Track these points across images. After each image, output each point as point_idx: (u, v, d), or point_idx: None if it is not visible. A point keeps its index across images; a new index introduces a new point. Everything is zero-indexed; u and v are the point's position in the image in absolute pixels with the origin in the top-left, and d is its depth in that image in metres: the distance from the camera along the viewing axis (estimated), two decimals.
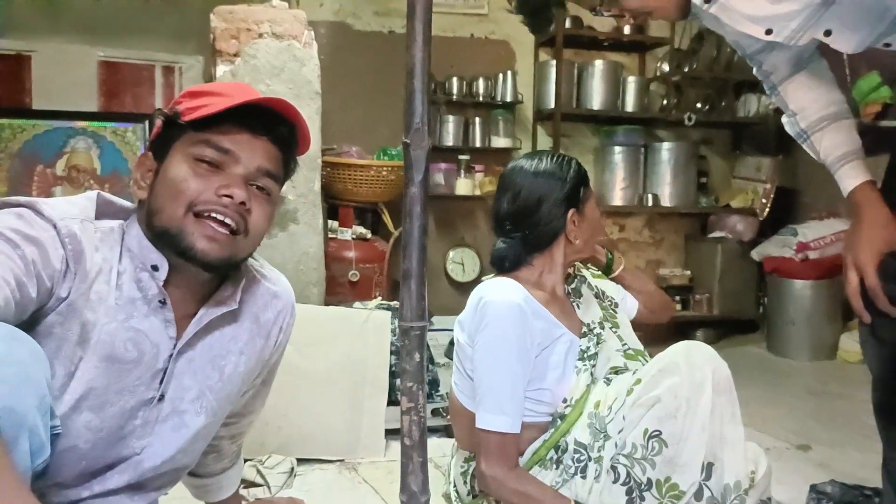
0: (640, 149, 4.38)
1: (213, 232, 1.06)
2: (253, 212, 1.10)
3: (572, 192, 1.56)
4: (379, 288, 3.17)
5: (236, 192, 1.07)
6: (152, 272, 1.09)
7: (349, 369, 2.26)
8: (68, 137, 3.54)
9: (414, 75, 0.86)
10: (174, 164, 1.08)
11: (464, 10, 4.28)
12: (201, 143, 1.07)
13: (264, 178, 1.12)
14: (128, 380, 1.08)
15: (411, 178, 0.90)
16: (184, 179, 1.06)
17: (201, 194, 1.06)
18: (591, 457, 1.43)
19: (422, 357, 0.99)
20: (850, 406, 3.04)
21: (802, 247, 3.92)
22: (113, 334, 1.06)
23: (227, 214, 1.07)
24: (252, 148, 1.10)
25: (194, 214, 1.06)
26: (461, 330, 1.56)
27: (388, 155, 3.49)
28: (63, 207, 1.04)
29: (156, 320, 1.10)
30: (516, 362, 1.44)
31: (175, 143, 1.09)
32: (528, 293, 1.51)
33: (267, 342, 1.27)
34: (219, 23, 2.50)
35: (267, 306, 1.26)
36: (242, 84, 1.22)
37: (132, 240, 1.11)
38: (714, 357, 1.42)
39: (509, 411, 1.43)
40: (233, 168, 1.08)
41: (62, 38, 3.56)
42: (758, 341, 4.29)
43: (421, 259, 0.94)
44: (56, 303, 1.01)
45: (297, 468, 2.08)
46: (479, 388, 1.47)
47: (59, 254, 1.00)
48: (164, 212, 1.07)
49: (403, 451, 0.99)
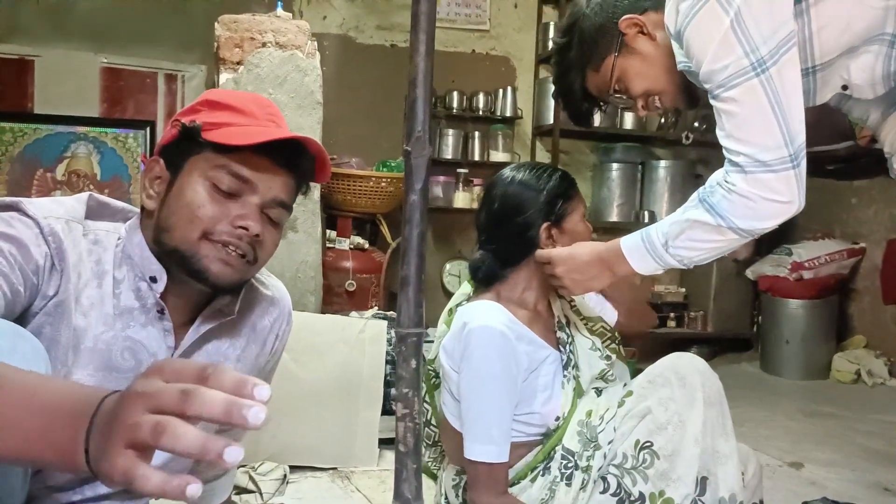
0: (638, 166, 4.41)
1: (227, 256, 1.06)
2: (264, 241, 1.10)
3: (548, 205, 1.52)
4: (375, 298, 3.18)
5: (252, 226, 1.06)
6: (150, 283, 1.09)
7: (344, 378, 2.26)
8: (69, 142, 3.56)
9: (416, 84, 0.88)
10: (191, 186, 1.06)
11: (466, 26, 4.32)
12: (221, 169, 1.05)
13: (278, 209, 1.11)
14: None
15: (411, 185, 0.91)
16: (201, 206, 1.05)
17: (218, 223, 1.05)
18: (578, 465, 1.42)
19: (418, 364, 0.99)
20: (843, 425, 3.05)
21: (797, 266, 3.94)
22: (110, 343, 1.06)
23: (240, 245, 1.07)
24: (271, 179, 1.08)
25: (208, 239, 1.06)
26: (446, 355, 1.53)
27: (387, 167, 3.51)
28: (48, 206, 1.04)
29: (154, 330, 1.10)
30: (502, 390, 1.42)
31: (191, 157, 1.07)
32: (511, 314, 1.48)
33: (263, 349, 1.27)
34: (223, 31, 2.52)
35: (264, 313, 1.26)
36: (262, 99, 1.17)
37: (133, 247, 1.10)
38: (705, 369, 1.42)
39: (497, 440, 1.41)
40: (249, 197, 1.07)
41: (66, 44, 3.59)
42: (751, 360, 4.30)
43: (419, 266, 0.95)
44: (43, 301, 1.01)
45: (289, 475, 2.08)
46: (466, 417, 1.45)
47: (41, 250, 1.00)
48: (176, 231, 1.06)
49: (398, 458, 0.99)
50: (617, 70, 1.42)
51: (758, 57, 1.19)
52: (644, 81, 1.42)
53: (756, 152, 1.21)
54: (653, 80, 1.42)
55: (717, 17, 1.20)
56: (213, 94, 1.13)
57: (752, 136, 1.22)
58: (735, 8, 1.19)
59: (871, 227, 4.00)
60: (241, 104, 1.10)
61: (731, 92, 1.21)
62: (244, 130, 1.06)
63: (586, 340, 1.59)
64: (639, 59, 1.41)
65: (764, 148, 1.21)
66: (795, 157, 1.22)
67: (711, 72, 1.22)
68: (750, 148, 1.22)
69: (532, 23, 4.39)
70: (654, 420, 1.35)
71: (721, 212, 1.27)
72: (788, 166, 1.21)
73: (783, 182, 1.22)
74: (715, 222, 1.28)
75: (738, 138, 1.23)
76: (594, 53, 1.44)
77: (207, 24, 2.68)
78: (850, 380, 3.87)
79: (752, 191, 1.24)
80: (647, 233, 1.38)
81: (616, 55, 1.41)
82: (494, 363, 1.41)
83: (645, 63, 1.41)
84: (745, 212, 1.26)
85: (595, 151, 4.53)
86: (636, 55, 1.41)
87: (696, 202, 1.31)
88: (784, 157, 1.21)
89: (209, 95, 1.13)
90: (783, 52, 1.20)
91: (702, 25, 1.23)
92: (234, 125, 1.07)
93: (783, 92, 1.20)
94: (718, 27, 1.20)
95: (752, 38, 1.19)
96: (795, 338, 3.99)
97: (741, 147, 1.23)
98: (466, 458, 1.44)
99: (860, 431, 2.97)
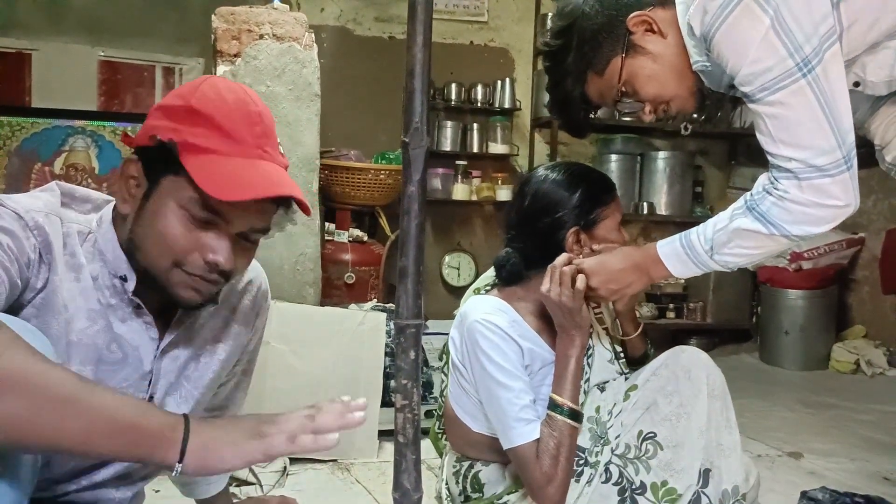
0: (637, 157, 4.41)
1: (197, 284, 1.04)
2: (237, 267, 1.07)
3: (581, 209, 1.44)
4: (374, 291, 3.18)
5: (222, 262, 1.03)
6: (122, 282, 1.07)
7: (343, 370, 2.26)
8: (67, 136, 3.55)
9: (414, 75, 0.88)
10: (164, 213, 1.02)
11: (464, 18, 4.31)
12: (196, 203, 1.00)
13: (254, 234, 1.08)
14: (115, 381, 1.08)
15: (409, 176, 0.91)
16: (172, 236, 1.01)
17: (188, 255, 1.02)
18: (588, 461, 1.42)
19: (417, 355, 0.99)
20: (843, 415, 3.06)
21: (796, 257, 3.95)
22: (94, 337, 1.06)
23: (209, 277, 1.04)
24: (248, 211, 1.04)
25: (179, 268, 1.03)
26: (453, 346, 1.52)
27: (385, 159, 3.50)
28: (26, 201, 1.02)
29: (134, 324, 1.09)
30: (515, 372, 1.40)
31: (168, 176, 1.02)
32: (519, 317, 1.45)
33: (245, 328, 1.26)
34: (220, 24, 2.51)
35: (244, 294, 1.25)
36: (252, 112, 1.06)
37: (106, 244, 1.07)
38: (708, 362, 1.42)
39: (530, 416, 1.38)
40: (223, 227, 1.03)
41: (63, 38, 3.58)
42: (751, 350, 4.31)
43: (418, 257, 0.95)
44: (31, 294, 1.00)
45: (289, 468, 2.08)
46: (491, 411, 1.42)
47: (31, 243, 0.99)
48: (149, 255, 1.03)
49: (397, 449, 0.99)
50: (625, 73, 1.31)
51: (802, 56, 1.13)
52: (655, 83, 1.33)
53: (810, 157, 1.16)
54: (664, 81, 1.33)
55: (755, 16, 1.13)
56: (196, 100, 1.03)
57: (803, 140, 1.16)
58: (773, 6, 1.12)
59: (869, 217, 4.00)
60: (227, 122, 1.02)
61: (778, 95, 1.15)
62: (225, 169, 1.00)
63: (606, 352, 1.56)
64: (649, 60, 1.31)
65: (819, 152, 1.16)
66: (848, 157, 1.17)
67: (752, 74, 1.16)
68: (802, 152, 1.16)
69: (530, 14, 4.38)
70: (658, 411, 1.35)
71: (773, 220, 1.22)
72: (843, 168, 1.16)
73: (839, 186, 1.17)
74: (767, 231, 1.23)
75: (788, 143, 1.17)
76: (598, 56, 1.33)
77: (204, 17, 2.67)
78: (849, 370, 3.88)
79: (808, 198, 1.18)
80: (687, 239, 1.31)
81: (623, 56, 1.31)
82: (495, 356, 1.40)
83: (656, 63, 1.31)
84: (800, 218, 1.21)
85: (594, 143, 4.53)
86: (646, 55, 1.31)
87: (744, 210, 1.25)
88: (838, 159, 1.16)
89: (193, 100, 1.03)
90: (826, 47, 1.15)
91: (738, 26, 1.15)
92: (217, 154, 1.00)
93: (830, 91, 1.15)
94: (758, 27, 1.13)
95: (794, 37, 1.13)
96: (795, 328, 3.99)
97: (792, 152, 1.17)
98: (507, 449, 1.40)
99: (859, 421, 2.98)
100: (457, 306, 1.58)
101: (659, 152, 4.39)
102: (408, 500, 0.98)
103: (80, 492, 1.11)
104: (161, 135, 1.00)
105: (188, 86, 1.06)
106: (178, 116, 1.02)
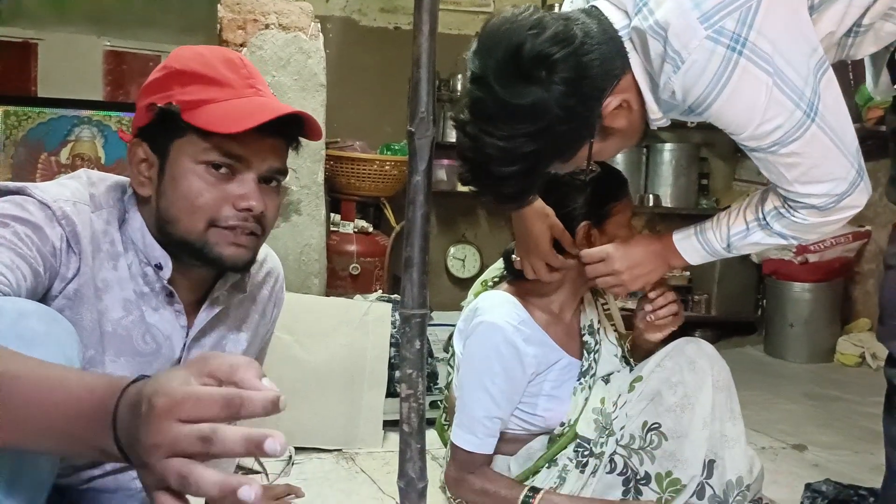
0: (642, 149, 4.39)
1: (237, 238, 1.05)
2: (268, 212, 1.09)
3: (592, 204, 1.44)
4: (379, 282, 3.19)
5: (255, 205, 1.04)
6: (156, 270, 1.08)
7: (348, 360, 2.27)
8: (73, 126, 3.55)
9: (420, 65, 0.87)
10: (184, 174, 1.03)
11: (470, 8, 4.29)
12: (211, 151, 1.02)
13: (275, 175, 1.10)
14: (150, 371, 1.09)
15: (415, 166, 0.91)
16: (200, 194, 1.03)
17: (221, 209, 1.04)
18: (593, 452, 1.43)
19: (422, 345, 1.00)
20: (847, 408, 3.06)
21: (802, 249, 3.93)
22: (129, 328, 1.07)
23: (247, 226, 1.06)
24: (263, 149, 1.05)
25: (215, 226, 1.05)
26: (459, 340, 1.53)
27: (391, 150, 3.50)
28: (55, 190, 1.03)
29: (166, 312, 1.11)
30: (494, 390, 1.41)
31: (175, 140, 1.04)
32: (528, 314, 1.45)
33: (263, 318, 1.28)
34: (226, 13, 2.51)
35: (263, 284, 1.28)
36: (232, 57, 1.08)
37: (136, 233, 1.08)
38: (713, 354, 1.42)
39: (480, 434, 1.42)
40: (245, 173, 1.05)
41: (69, 27, 3.58)
42: (755, 343, 4.30)
43: (423, 247, 0.95)
44: (62, 284, 1.01)
45: (294, 457, 2.09)
46: (458, 403, 1.46)
47: (56, 232, 0.99)
48: (180, 223, 1.04)
49: (402, 438, 1.00)
50: (593, 154, 1.23)
51: (807, 101, 1.11)
52: (617, 150, 1.31)
53: (832, 188, 1.18)
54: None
55: (756, 78, 1.09)
56: (177, 63, 1.05)
57: (823, 177, 1.17)
58: (771, 62, 1.08)
59: (876, 209, 3.98)
60: (214, 72, 1.04)
61: (792, 146, 1.14)
62: (227, 109, 1.02)
63: (613, 347, 1.57)
64: (619, 137, 1.25)
65: (839, 181, 1.17)
66: (860, 167, 1.19)
67: (763, 134, 1.13)
68: (825, 187, 1.18)
69: (537, 4, 4.36)
70: (662, 402, 1.36)
71: (792, 234, 1.26)
72: (858, 180, 1.19)
73: (857, 196, 1.20)
74: (786, 241, 1.29)
75: (807, 182, 1.18)
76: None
77: (210, 6, 2.67)
78: (854, 363, 3.87)
79: (830, 219, 1.22)
80: (703, 235, 1.32)
81: (593, 140, 1.21)
82: (493, 363, 1.41)
83: (624, 138, 1.26)
84: (821, 230, 1.26)
85: None
86: (616, 133, 1.23)
87: (757, 227, 1.27)
88: (854, 175, 1.18)
89: (174, 64, 1.05)
90: (821, 80, 1.12)
91: (741, 93, 1.10)
92: (214, 101, 1.02)
93: (835, 120, 1.14)
94: (761, 89, 1.09)
95: (795, 85, 1.10)
96: (800, 321, 3.98)
97: (815, 189, 1.18)
98: (451, 439, 1.45)
99: (863, 414, 2.97)
100: (461, 298, 1.59)
101: (665, 144, 4.38)
102: (412, 488, 0.99)
103: (102, 477, 1.12)
104: (158, 103, 1.02)
105: (160, 65, 1.09)
106: (166, 83, 1.04)
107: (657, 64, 1.14)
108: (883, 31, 1.23)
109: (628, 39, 1.17)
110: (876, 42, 1.26)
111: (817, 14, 1.16)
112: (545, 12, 1.17)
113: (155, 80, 1.07)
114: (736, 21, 1.06)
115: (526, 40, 1.11)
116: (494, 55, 1.13)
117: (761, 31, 1.07)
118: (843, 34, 1.22)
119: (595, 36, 1.15)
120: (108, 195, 1.10)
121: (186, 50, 1.08)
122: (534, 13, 1.16)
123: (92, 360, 1.04)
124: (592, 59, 1.14)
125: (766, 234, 1.27)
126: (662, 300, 1.44)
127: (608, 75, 1.17)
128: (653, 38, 1.11)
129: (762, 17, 1.07)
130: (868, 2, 1.18)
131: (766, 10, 1.07)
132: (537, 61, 1.11)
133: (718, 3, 1.07)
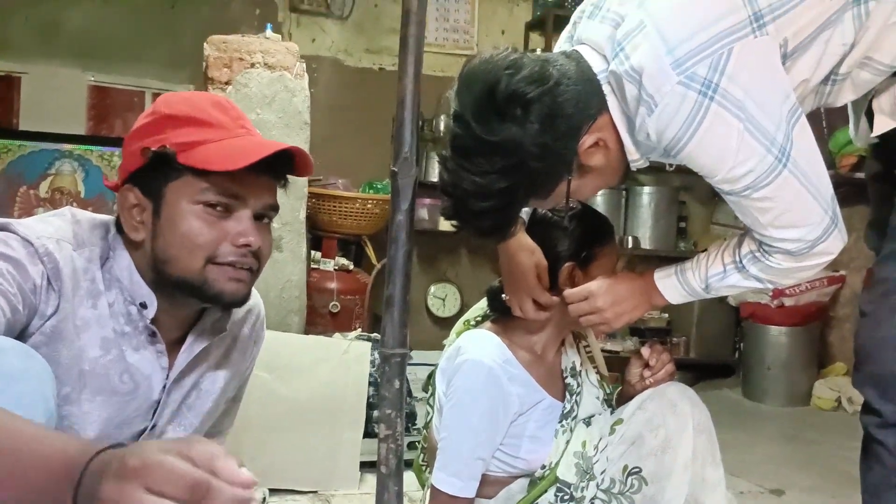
0: (622, 192, 4.45)
1: (236, 274, 1.06)
2: (263, 248, 1.10)
3: (577, 245, 1.44)
4: (359, 320, 3.17)
5: (252, 241, 1.06)
6: (140, 309, 1.08)
7: (327, 399, 2.24)
8: (54, 159, 3.54)
9: (405, 106, 0.89)
10: (182, 215, 1.04)
11: (454, 51, 4.36)
12: (208, 191, 1.04)
13: (268, 211, 1.12)
14: (127, 411, 1.08)
15: (398, 205, 0.92)
16: (199, 233, 1.04)
17: (219, 246, 1.05)
18: (574, 496, 1.41)
19: (401, 384, 0.99)
20: (824, 452, 3.06)
21: (777, 293, 3.97)
22: (107, 367, 1.06)
23: (245, 262, 1.07)
24: (258, 186, 1.07)
25: (214, 263, 1.06)
26: (442, 380, 1.52)
27: (373, 188, 3.51)
28: (38, 227, 1.03)
29: (146, 353, 1.10)
30: (479, 429, 1.40)
31: (171, 183, 1.05)
32: (511, 353, 1.44)
33: (243, 356, 1.27)
34: (212, 51, 2.53)
35: (244, 322, 1.27)
36: (221, 101, 1.12)
37: (122, 271, 1.08)
38: (693, 397, 1.42)
39: (463, 476, 1.40)
40: (241, 210, 1.07)
41: (53, 61, 3.58)
42: (733, 386, 4.31)
43: (404, 286, 0.95)
44: (41, 321, 0.99)
45: (268, 499, 2.05)
46: (442, 443, 1.43)
47: (38, 269, 0.98)
48: (179, 263, 1.05)
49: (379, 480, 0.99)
50: (571, 192, 1.24)
51: (778, 146, 1.12)
52: (596, 189, 1.31)
53: (805, 234, 1.19)
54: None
55: (726, 122, 1.10)
56: (167, 108, 1.07)
57: (796, 221, 1.18)
58: (740, 105, 1.10)
59: (850, 255, 4.04)
60: (204, 115, 1.06)
61: (764, 191, 1.15)
62: (223, 148, 1.03)
63: (595, 389, 1.56)
64: (596, 175, 1.26)
65: (812, 227, 1.18)
66: (835, 215, 1.20)
67: (735, 177, 1.14)
68: (798, 232, 1.19)
69: (520, 47, 4.42)
70: (643, 445, 1.35)
71: (767, 277, 1.28)
72: (833, 227, 1.20)
73: (832, 243, 1.21)
74: (762, 285, 1.30)
75: (780, 227, 1.19)
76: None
77: (195, 44, 2.69)
78: (830, 407, 3.89)
79: (804, 264, 1.24)
80: (683, 275, 1.33)
81: (570, 178, 1.22)
82: (479, 401, 1.39)
83: (602, 177, 1.27)
84: (797, 275, 1.27)
85: None
86: (593, 172, 1.24)
87: (734, 270, 1.29)
88: (828, 222, 1.19)
89: (163, 109, 1.07)
90: (794, 127, 1.14)
91: (712, 136, 1.11)
92: (208, 142, 1.04)
93: (808, 166, 1.15)
94: (732, 133, 1.11)
95: (766, 130, 1.11)
96: (777, 364, 4.01)
97: (789, 234, 1.19)
98: (431, 482, 1.43)
99: (841, 458, 2.97)
100: (442, 337, 1.58)
101: (644, 187, 4.44)
102: None
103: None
104: (151, 147, 1.03)
105: (146, 111, 1.11)
106: (157, 128, 1.06)
107: (633, 106, 1.16)
108: (860, 80, 1.26)
109: (606, 83, 1.20)
110: (854, 90, 1.29)
111: (791, 62, 1.19)
112: (524, 53, 1.20)
113: (144, 125, 1.08)
114: (708, 67, 1.09)
115: (501, 79, 1.13)
116: (472, 93, 1.15)
117: (733, 77, 1.09)
118: (818, 82, 1.25)
119: (572, 76, 1.18)
120: (91, 233, 1.09)
121: (173, 96, 1.11)
122: (511, 54, 1.19)
123: (68, 397, 1.03)
124: (567, 99, 1.16)
125: (742, 277, 1.29)
126: (659, 364, 1.45)
127: (583, 114, 1.18)
128: (628, 82, 1.14)
129: (734, 63, 1.09)
130: (843, 51, 1.21)
131: (739, 57, 1.10)
132: (512, 99, 1.13)
133: (690, 49, 1.10)
